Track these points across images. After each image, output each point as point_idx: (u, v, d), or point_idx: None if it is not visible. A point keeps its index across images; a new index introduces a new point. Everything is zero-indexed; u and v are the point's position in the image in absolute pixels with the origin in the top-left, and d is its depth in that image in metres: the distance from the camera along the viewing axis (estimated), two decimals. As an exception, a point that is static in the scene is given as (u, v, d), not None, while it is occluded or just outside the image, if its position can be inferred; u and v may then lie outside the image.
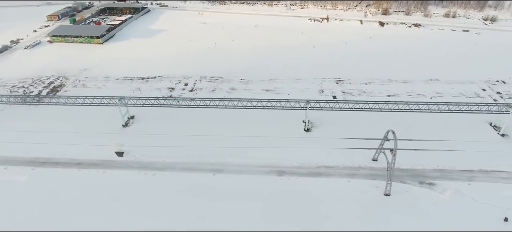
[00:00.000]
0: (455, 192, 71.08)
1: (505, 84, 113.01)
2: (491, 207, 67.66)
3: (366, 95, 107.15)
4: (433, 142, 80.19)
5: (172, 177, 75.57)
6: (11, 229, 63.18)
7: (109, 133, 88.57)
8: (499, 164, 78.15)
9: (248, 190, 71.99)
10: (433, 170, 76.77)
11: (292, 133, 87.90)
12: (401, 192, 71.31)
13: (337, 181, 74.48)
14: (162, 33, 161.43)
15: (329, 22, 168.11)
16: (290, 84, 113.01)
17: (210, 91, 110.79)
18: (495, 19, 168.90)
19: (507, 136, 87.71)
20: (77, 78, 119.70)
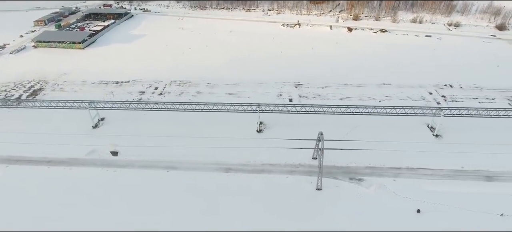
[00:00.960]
0: (379, 187, 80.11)
1: (452, 88, 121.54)
2: (409, 200, 76.52)
3: (321, 98, 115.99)
4: (370, 142, 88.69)
5: (130, 174, 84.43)
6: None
7: (79, 134, 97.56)
8: (427, 162, 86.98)
9: (196, 185, 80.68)
10: (365, 168, 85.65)
11: (245, 134, 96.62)
12: (331, 187, 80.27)
13: (277, 177, 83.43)
14: (141, 38, 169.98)
15: (301, 27, 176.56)
16: (252, 88, 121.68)
17: (178, 94, 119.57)
18: (458, 24, 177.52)
19: (440, 136, 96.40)
20: (56, 82, 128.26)
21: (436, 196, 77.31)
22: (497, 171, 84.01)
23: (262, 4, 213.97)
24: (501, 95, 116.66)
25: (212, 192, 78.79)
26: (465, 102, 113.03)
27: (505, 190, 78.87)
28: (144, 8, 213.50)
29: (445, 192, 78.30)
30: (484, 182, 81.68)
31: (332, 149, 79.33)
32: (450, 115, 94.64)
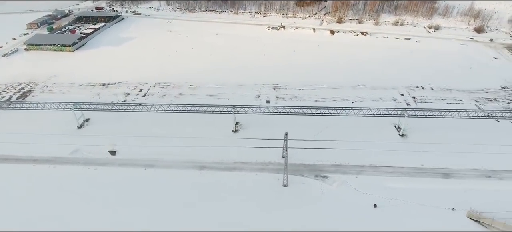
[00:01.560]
0: (342, 184, 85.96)
1: (423, 89, 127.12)
2: (368, 195, 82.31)
3: (297, 99, 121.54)
4: (339, 142, 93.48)
5: (109, 171, 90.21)
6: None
7: (64, 134, 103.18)
8: (390, 160, 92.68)
9: (171, 182, 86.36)
10: (331, 165, 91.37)
11: (221, 134, 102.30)
12: (297, 183, 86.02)
13: (247, 174, 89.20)
14: (130, 41, 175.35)
15: (285, 30, 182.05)
16: (233, 90, 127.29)
17: (161, 96, 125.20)
18: (438, 27, 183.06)
19: (406, 136, 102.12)
20: (45, 85, 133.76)
21: (394, 192, 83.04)
22: (454, 168, 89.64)
23: (250, 7, 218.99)
24: (469, 97, 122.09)
25: (185, 188, 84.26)
26: (434, 103, 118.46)
27: (459, 187, 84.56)
28: (134, 11, 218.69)
29: (403, 188, 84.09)
30: (441, 179, 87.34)
31: (301, 148, 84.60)
32: (413, 115, 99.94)
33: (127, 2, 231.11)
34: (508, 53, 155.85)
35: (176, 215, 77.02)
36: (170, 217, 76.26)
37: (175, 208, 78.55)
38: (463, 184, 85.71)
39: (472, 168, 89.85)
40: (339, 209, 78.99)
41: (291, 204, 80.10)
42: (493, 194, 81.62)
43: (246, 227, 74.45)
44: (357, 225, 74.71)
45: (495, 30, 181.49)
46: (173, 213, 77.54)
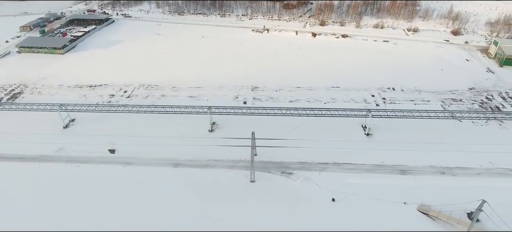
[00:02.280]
0: (305, 180, 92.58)
1: (394, 90, 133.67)
2: (328, 190, 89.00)
3: (273, 100, 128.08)
4: (307, 141, 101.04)
5: (90, 168, 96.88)
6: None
7: (50, 133, 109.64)
8: (352, 157, 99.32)
9: (147, 179, 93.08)
10: (297, 163, 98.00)
11: (198, 133, 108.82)
12: (264, 179, 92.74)
13: (218, 171, 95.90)
14: (118, 43, 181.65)
15: (269, 33, 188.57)
16: (213, 91, 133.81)
17: (144, 97, 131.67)
18: (416, 29, 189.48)
19: (371, 135, 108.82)
20: (35, 86, 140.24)
21: (353, 187, 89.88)
22: (412, 165, 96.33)
23: (237, 10, 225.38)
24: (437, 98, 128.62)
25: (160, 184, 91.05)
26: (402, 103, 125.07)
27: (414, 183, 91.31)
28: (125, 14, 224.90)
29: (362, 184, 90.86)
30: (398, 175, 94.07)
31: (270, 147, 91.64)
32: (378, 116, 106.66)
33: (118, 5, 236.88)
34: (481, 55, 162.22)
35: (148, 209, 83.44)
36: (142, 211, 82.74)
37: (149, 203, 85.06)
38: (419, 180, 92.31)
39: (429, 165, 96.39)
40: (299, 203, 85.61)
41: (255, 198, 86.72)
42: (444, 189, 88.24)
43: (212, 218, 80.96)
44: (314, 218, 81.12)
45: (472, 33, 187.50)
46: (146, 208, 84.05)
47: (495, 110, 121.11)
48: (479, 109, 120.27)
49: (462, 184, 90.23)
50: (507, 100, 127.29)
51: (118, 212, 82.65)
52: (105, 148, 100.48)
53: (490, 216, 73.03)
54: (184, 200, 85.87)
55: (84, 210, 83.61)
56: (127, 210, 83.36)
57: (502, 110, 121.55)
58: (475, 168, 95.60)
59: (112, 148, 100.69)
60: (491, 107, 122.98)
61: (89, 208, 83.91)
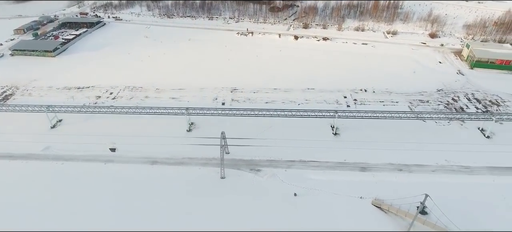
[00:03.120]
0: (271, 176, 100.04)
1: (366, 92, 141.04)
2: (291, 186, 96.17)
3: (250, 102, 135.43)
4: (277, 140, 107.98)
5: (74, 166, 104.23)
6: None
7: (38, 133, 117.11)
8: (318, 155, 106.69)
9: (126, 175, 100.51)
10: (265, 161, 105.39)
11: (176, 133, 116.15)
12: (233, 176, 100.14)
13: (192, 168, 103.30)
14: (107, 46, 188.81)
15: (253, 35, 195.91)
16: (194, 93, 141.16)
17: (129, 99, 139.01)
18: (395, 32, 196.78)
19: (338, 135, 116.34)
20: (26, 88, 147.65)
21: (315, 183, 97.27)
22: (372, 163, 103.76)
23: (224, 13, 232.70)
24: (405, 99, 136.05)
25: (137, 180, 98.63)
26: (372, 104, 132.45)
27: (372, 179, 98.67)
28: (116, 17, 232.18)
29: (324, 180, 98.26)
30: (359, 172, 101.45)
31: (242, 146, 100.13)
32: (344, 116, 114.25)
33: (110, 8, 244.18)
34: (454, 58, 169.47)
35: (124, 204, 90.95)
36: (119, 206, 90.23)
37: (125, 198, 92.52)
38: (377, 176, 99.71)
39: (388, 162, 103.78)
40: (264, 197, 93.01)
41: (223, 193, 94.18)
42: (399, 185, 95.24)
43: (182, 211, 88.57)
44: (276, 211, 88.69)
45: (449, 35, 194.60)
46: (122, 202, 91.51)
47: (459, 111, 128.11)
48: (443, 110, 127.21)
49: (416, 180, 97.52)
50: (472, 101, 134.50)
51: (97, 207, 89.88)
52: (89, 147, 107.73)
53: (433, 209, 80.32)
54: (158, 195, 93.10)
55: (66, 205, 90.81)
56: (105, 204, 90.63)
57: (465, 110, 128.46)
58: (431, 165, 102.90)
59: (113, 147, 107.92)
60: (455, 108, 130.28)
61: (70, 204, 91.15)
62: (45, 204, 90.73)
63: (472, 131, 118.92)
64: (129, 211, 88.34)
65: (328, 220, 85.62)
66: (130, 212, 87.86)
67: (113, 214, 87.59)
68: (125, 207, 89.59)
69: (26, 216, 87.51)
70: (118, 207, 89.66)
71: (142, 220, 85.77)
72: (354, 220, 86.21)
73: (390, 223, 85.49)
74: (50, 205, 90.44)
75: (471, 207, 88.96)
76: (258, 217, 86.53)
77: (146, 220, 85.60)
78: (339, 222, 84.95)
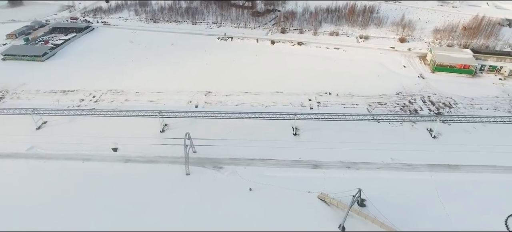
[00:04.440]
0: (232, 173, 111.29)
1: (330, 95, 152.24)
2: (248, 181, 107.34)
3: (222, 104, 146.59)
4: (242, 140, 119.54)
5: (54, 163, 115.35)
6: None
7: (24, 134, 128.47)
8: (277, 154, 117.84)
9: (101, 172, 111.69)
10: (228, 159, 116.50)
11: (150, 134, 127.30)
12: (198, 173, 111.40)
13: (161, 166, 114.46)
14: (94, 51, 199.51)
15: (233, 40, 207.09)
16: (171, 96, 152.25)
17: (110, 102, 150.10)
18: (367, 37, 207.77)
19: (298, 135, 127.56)
20: (15, 92, 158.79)
21: (270, 179, 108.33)
22: (324, 161, 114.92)
23: (208, 18, 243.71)
24: (365, 101, 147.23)
25: (111, 177, 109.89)
26: (334, 107, 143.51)
27: (322, 175, 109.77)
28: (105, 22, 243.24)
29: (278, 176, 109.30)
30: (311, 169, 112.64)
31: (209, 146, 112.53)
32: (302, 118, 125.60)
33: (99, 13, 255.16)
34: (418, 62, 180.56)
35: (98, 199, 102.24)
36: (93, 200, 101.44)
37: (99, 193, 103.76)
38: (326, 173, 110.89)
39: (338, 160, 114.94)
40: (223, 191, 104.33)
41: (187, 188, 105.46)
42: (345, 181, 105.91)
43: (148, 204, 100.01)
44: (232, 203, 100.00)
45: (418, 40, 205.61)
46: (96, 197, 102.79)
47: (412, 113, 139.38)
48: (399, 112, 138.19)
49: (361, 176, 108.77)
50: (427, 104, 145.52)
51: (70, 202, 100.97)
52: (70, 146, 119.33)
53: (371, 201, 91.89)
54: (128, 190, 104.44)
55: (45, 200, 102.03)
56: (79, 199, 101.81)
57: (419, 112, 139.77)
58: (377, 163, 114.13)
59: (115, 147, 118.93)
60: (410, 110, 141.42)
61: (49, 198, 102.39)
62: (25, 200, 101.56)
63: (421, 131, 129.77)
64: (100, 205, 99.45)
65: (276, 212, 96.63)
66: (101, 206, 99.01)
67: (85, 208, 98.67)
68: (97, 202, 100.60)
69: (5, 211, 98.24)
70: (90, 202, 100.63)
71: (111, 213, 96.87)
72: (299, 211, 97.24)
73: (330, 213, 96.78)
74: (29, 201, 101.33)
75: (405, 200, 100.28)
76: (216, 209, 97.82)
77: (114, 213, 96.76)
78: (285, 213, 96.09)
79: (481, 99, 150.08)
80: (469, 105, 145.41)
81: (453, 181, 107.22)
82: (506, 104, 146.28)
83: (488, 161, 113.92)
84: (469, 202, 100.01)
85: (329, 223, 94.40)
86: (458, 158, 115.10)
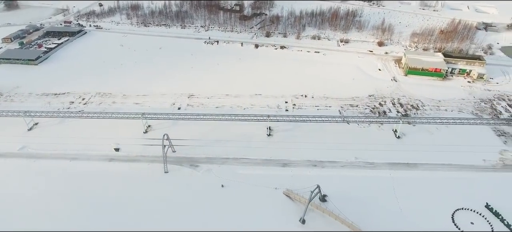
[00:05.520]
0: (207, 171, 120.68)
1: (305, 97, 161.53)
2: (222, 179, 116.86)
3: (203, 106, 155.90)
4: (218, 141, 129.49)
5: (43, 162, 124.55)
6: None
7: (16, 135, 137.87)
8: (250, 153, 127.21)
9: (86, 170, 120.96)
10: (205, 158, 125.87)
11: (134, 135, 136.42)
12: (175, 171, 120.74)
13: (142, 164, 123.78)
14: (85, 54, 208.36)
15: (219, 44, 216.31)
16: (156, 98, 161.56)
17: (98, 104, 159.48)
18: (348, 41, 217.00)
19: (271, 135, 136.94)
20: (9, 95, 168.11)
21: (241, 176, 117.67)
22: (293, 160, 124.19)
23: (197, 21, 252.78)
24: (338, 104, 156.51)
25: (95, 174, 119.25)
26: (308, 109, 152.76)
27: (290, 173, 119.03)
28: (97, 25, 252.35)
29: (249, 174, 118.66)
30: (280, 167, 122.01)
31: (187, 146, 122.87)
32: (275, 120, 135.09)
33: (92, 16, 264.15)
34: (393, 65, 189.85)
35: (83, 194, 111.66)
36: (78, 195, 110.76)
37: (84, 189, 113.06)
38: (294, 171, 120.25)
39: (306, 159, 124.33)
40: (197, 187, 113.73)
41: (165, 184, 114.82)
42: (310, 178, 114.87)
43: (128, 200, 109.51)
44: (205, 198, 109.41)
45: (396, 43, 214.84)
46: (81, 192, 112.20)
47: (381, 114, 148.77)
48: (368, 114, 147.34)
49: (326, 174, 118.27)
50: (396, 106, 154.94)
51: (57, 199, 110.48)
52: (59, 146, 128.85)
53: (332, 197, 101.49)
54: (111, 186, 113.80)
55: (32, 197, 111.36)
56: (66, 196, 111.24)
57: (387, 114, 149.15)
58: (342, 162, 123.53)
59: (117, 147, 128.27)
60: (379, 111, 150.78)
61: (36, 195, 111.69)
62: (15, 196, 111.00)
63: (387, 132, 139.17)
64: (83, 202, 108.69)
65: (245, 207, 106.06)
66: (84, 203, 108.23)
67: (69, 205, 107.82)
68: (81, 199, 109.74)
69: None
70: (74, 199, 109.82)
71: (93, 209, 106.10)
72: (266, 206, 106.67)
73: (293, 208, 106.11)
74: (18, 197, 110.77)
75: (364, 195, 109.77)
76: (190, 204, 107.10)
77: (97, 207, 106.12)
78: (253, 208, 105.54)
79: (448, 101, 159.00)
80: (435, 107, 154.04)
81: (409, 179, 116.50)
82: (470, 106, 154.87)
83: (445, 160, 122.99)
84: (421, 197, 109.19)
85: (291, 216, 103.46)
86: (417, 157, 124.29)
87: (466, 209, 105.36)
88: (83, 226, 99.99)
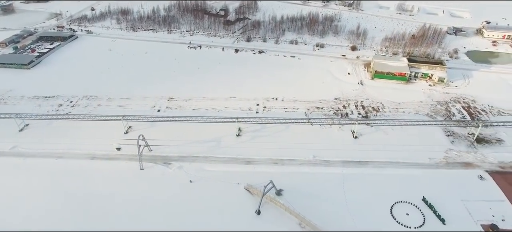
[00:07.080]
0: (178, 168, 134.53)
1: (276, 100, 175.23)
2: (190, 175, 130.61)
3: (181, 109, 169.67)
4: (192, 141, 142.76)
5: (32, 160, 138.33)
6: None
7: (8, 135, 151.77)
8: (218, 152, 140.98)
9: (70, 168, 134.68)
10: (177, 156, 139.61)
11: (115, 135, 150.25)
12: (150, 168, 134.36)
13: (120, 162, 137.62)
14: (75, 58, 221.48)
15: (202, 49, 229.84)
16: (138, 101, 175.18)
17: (84, 106, 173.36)
18: (323, 45, 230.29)
19: (240, 136, 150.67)
20: (2, 98, 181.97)
21: (208, 173, 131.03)
22: (257, 158, 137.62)
23: (183, 26, 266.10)
24: (305, 106, 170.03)
25: (78, 172, 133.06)
26: (277, 111, 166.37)
27: (252, 170, 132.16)
28: (88, 30, 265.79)
29: (215, 171, 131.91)
30: (244, 165, 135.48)
31: (162, 145, 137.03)
32: (243, 122, 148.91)
33: (84, 21, 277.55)
34: (362, 69, 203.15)
35: (66, 190, 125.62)
36: (61, 191, 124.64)
37: (67, 185, 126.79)
38: (256, 168, 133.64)
39: (268, 158, 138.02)
40: (168, 182, 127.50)
41: (139, 180, 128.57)
42: (270, 174, 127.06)
43: (106, 195, 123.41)
44: (174, 192, 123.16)
45: (369, 48, 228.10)
46: (65, 188, 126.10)
47: (343, 116, 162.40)
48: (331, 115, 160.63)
49: (284, 171, 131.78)
50: (358, 108, 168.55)
51: (43, 193, 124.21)
52: (46, 145, 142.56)
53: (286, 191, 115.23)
54: (92, 182, 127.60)
55: (21, 192, 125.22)
56: (51, 192, 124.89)
57: (349, 116, 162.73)
58: (300, 160, 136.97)
59: (119, 147, 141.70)
60: (341, 113, 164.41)
61: (25, 191, 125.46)
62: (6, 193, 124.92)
63: (346, 132, 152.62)
64: (66, 197, 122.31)
65: (209, 199, 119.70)
66: (69, 197, 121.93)
67: (52, 201, 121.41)
68: (64, 194, 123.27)
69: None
70: (58, 195, 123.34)
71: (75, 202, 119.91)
72: (227, 199, 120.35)
73: (252, 201, 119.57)
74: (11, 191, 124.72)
75: (316, 190, 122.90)
76: (161, 197, 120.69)
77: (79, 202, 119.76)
78: (216, 200, 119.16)
79: (407, 103, 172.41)
80: (394, 109, 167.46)
81: (359, 175, 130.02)
82: (427, 109, 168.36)
83: (393, 158, 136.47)
84: (366, 192, 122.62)
85: (249, 208, 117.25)
86: (369, 156, 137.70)
87: (404, 202, 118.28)
88: (66, 220, 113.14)
